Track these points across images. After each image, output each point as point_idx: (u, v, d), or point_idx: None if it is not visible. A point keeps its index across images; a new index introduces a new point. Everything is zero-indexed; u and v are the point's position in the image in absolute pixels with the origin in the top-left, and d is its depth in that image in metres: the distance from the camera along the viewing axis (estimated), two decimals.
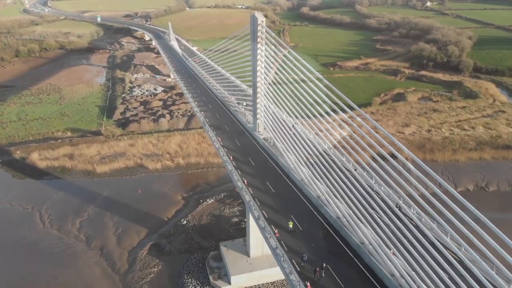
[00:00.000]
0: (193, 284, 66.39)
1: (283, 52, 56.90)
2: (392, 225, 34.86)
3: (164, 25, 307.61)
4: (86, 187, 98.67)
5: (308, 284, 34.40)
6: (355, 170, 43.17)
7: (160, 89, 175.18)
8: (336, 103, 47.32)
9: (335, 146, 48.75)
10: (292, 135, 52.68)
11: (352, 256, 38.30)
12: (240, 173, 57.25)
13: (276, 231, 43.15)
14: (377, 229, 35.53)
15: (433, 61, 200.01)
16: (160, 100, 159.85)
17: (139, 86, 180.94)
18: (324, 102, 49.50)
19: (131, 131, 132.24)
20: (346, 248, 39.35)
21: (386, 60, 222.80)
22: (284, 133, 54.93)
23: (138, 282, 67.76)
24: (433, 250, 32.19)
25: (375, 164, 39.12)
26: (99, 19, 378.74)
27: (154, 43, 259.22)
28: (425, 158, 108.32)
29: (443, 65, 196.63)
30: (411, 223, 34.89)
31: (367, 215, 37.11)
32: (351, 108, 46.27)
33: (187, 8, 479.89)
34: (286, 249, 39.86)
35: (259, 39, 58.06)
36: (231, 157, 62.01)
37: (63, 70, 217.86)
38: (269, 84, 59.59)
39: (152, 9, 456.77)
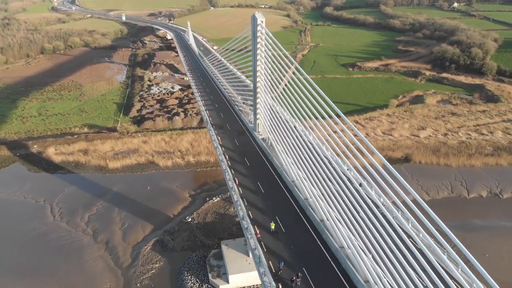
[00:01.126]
0: (192, 281, 66.94)
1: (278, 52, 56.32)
2: (368, 231, 34.00)
3: (186, 24, 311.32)
4: (98, 182, 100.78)
5: (280, 286, 34.14)
6: (347, 169, 42.28)
7: (177, 87, 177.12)
8: (323, 108, 46.30)
9: (333, 150, 48.02)
10: (288, 136, 52.27)
11: (330, 260, 37.75)
12: (233, 172, 57.36)
13: (258, 231, 43.03)
14: (355, 233, 34.83)
15: (455, 63, 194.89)
16: (176, 98, 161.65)
17: (157, 84, 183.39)
18: (313, 105, 48.73)
19: (145, 128, 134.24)
20: (325, 252, 38.82)
21: (407, 62, 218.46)
22: (281, 134, 54.65)
23: (139, 277, 68.78)
24: (401, 257, 31.21)
25: (351, 170, 38.12)
26: (123, 18, 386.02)
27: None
28: (438, 163, 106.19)
29: (465, 68, 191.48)
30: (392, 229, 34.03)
31: (347, 218, 36.38)
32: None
33: (211, 8, 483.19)
34: (265, 250, 39.67)
35: (258, 39, 57.98)
36: (227, 157, 62.20)
37: (85, 67, 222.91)
38: (269, 84, 59.31)
39: (176, 8, 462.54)
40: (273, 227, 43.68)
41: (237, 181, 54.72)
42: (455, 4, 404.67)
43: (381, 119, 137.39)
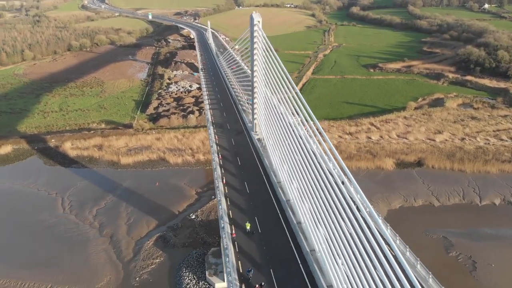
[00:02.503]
0: (189, 278, 67.63)
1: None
2: (342, 234, 33.36)
3: (211, 23, 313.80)
4: (109, 177, 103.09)
5: (243, 286, 34.13)
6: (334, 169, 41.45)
7: (195, 86, 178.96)
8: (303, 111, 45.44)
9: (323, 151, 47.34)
10: (281, 135, 51.80)
11: (299, 263, 37.37)
12: (222, 171, 57.61)
13: (234, 231, 43.11)
14: (329, 237, 34.28)
15: (481, 66, 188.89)
16: (193, 97, 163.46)
17: (176, 82, 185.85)
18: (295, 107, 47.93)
19: (160, 125, 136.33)
20: (296, 254, 38.46)
21: (431, 63, 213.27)
22: (275, 133, 54.32)
23: (139, 271, 69.97)
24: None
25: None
26: (150, 17, 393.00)
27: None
28: (452, 168, 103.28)
29: (491, 71, 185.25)
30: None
31: (323, 220, 35.82)
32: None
33: (236, 7, 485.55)
34: (237, 250, 39.67)
35: (255, 40, 57.92)
36: (220, 155, 62.55)
37: (109, 65, 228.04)
38: (267, 83, 59.08)
39: (201, 8, 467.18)
40: (248, 227, 43.76)
41: (224, 180, 55.03)
42: (486, 6, 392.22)
43: (397, 122, 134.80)
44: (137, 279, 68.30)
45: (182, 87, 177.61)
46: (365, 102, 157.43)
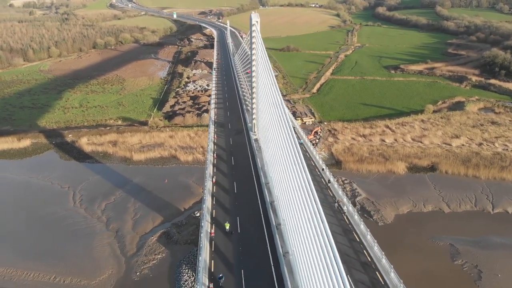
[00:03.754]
0: (188, 275, 68.29)
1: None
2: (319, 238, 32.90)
3: (234, 22, 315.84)
4: (121, 172, 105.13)
5: (212, 285, 34.23)
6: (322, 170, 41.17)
7: (212, 85, 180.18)
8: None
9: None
10: (274, 136, 51.63)
11: (272, 265, 37.19)
12: (214, 170, 57.91)
13: (213, 230, 43.29)
14: (305, 240, 33.93)
15: (506, 69, 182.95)
16: (209, 95, 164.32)
17: (194, 81, 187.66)
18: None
19: (175, 123, 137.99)
20: (270, 255, 38.33)
21: (454, 66, 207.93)
22: (269, 133, 54.18)
23: (141, 266, 71.15)
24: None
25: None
26: (175, 16, 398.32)
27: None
28: (466, 174, 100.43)
29: None
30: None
31: (299, 223, 35.51)
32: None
33: (260, 7, 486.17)
34: (213, 249, 39.84)
35: (254, 39, 57.98)
36: (215, 155, 62.83)
37: (131, 63, 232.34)
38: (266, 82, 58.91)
39: (226, 7, 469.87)
40: (227, 227, 43.89)
41: (214, 179, 55.32)
42: None
43: (413, 125, 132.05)
44: (138, 273, 69.46)
45: (199, 86, 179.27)
46: (383, 104, 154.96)
